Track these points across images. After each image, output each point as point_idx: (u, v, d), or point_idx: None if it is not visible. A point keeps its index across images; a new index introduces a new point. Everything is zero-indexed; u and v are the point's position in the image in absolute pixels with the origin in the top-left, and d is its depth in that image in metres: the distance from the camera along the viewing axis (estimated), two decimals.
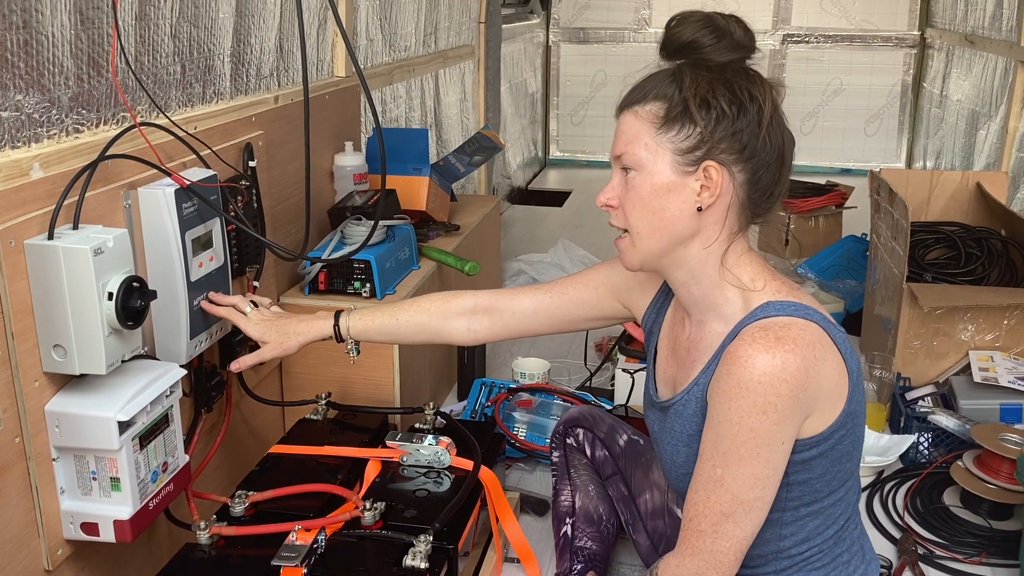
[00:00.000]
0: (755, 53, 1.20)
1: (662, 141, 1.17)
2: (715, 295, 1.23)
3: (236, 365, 1.58)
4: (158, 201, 1.42)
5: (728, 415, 1.13)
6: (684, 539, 1.20)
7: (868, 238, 2.85)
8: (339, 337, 1.57)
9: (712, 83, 1.15)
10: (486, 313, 1.55)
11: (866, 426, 2.16)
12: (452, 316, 1.56)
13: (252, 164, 1.77)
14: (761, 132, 1.16)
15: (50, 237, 1.22)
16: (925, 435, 2.13)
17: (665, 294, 1.40)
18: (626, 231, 1.23)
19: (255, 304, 1.59)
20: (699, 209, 1.18)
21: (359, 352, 1.60)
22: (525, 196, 5.07)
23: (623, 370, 2.35)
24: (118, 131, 1.39)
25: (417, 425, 1.81)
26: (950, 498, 1.99)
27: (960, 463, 1.96)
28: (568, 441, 1.72)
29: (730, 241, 1.21)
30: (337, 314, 1.58)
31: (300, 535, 1.38)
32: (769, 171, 1.18)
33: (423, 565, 1.36)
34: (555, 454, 1.74)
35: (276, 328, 1.56)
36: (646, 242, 1.22)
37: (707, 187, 1.17)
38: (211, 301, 1.54)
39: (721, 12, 1.19)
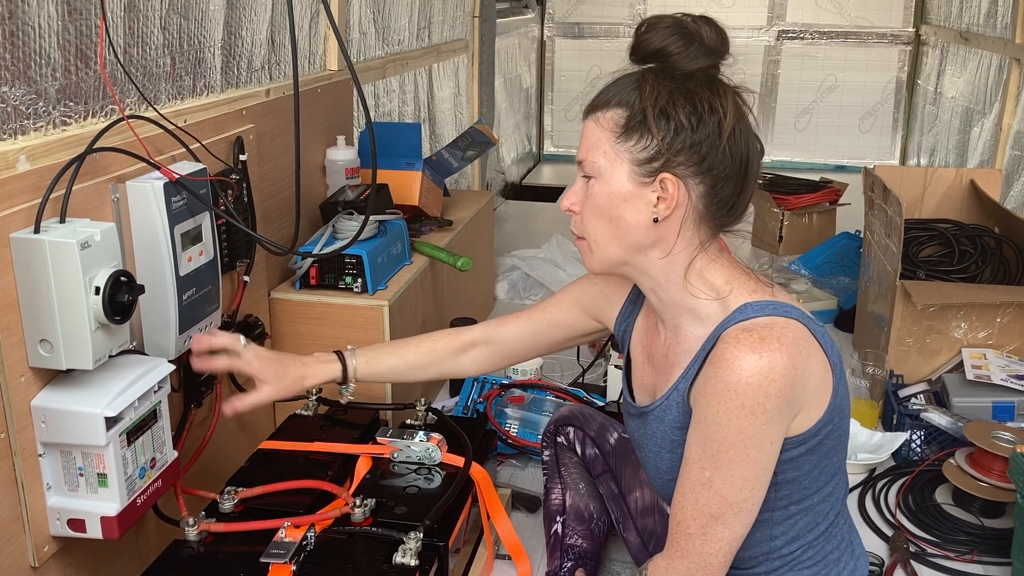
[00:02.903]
0: (726, 57, 1.18)
1: (620, 150, 1.16)
2: (685, 300, 1.22)
3: (230, 408, 1.48)
4: (147, 195, 1.41)
5: (716, 417, 1.12)
6: (672, 542, 1.20)
7: (862, 235, 2.85)
8: (345, 379, 1.56)
9: (672, 93, 1.14)
10: (484, 344, 1.58)
11: (859, 424, 2.17)
12: (458, 352, 1.58)
13: (243, 158, 1.76)
14: (721, 144, 1.14)
15: (36, 231, 1.21)
16: (917, 433, 2.13)
17: (633, 301, 1.40)
18: (582, 238, 1.24)
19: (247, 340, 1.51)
20: (655, 220, 1.17)
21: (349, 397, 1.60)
22: (519, 191, 5.06)
23: (616, 366, 2.34)
24: (106, 124, 1.38)
25: (408, 421, 1.80)
26: (942, 496, 1.98)
27: (952, 461, 1.96)
28: (559, 440, 1.72)
29: (694, 253, 1.20)
30: (339, 355, 1.55)
31: (289, 532, 1.37)
32: (730, 183, 1.17)
33: (413, 562, 1.35)
34: (546, 453, 1.73)
35: (276, 370, 1.49)
36: (603, 249, 1.22)
37: (663, 199, 1.16)
38: (200, 348, 1.46)
39: (693, 15, 1.17)
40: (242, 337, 1.50)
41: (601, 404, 2.28)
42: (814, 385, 1.15)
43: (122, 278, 1.26)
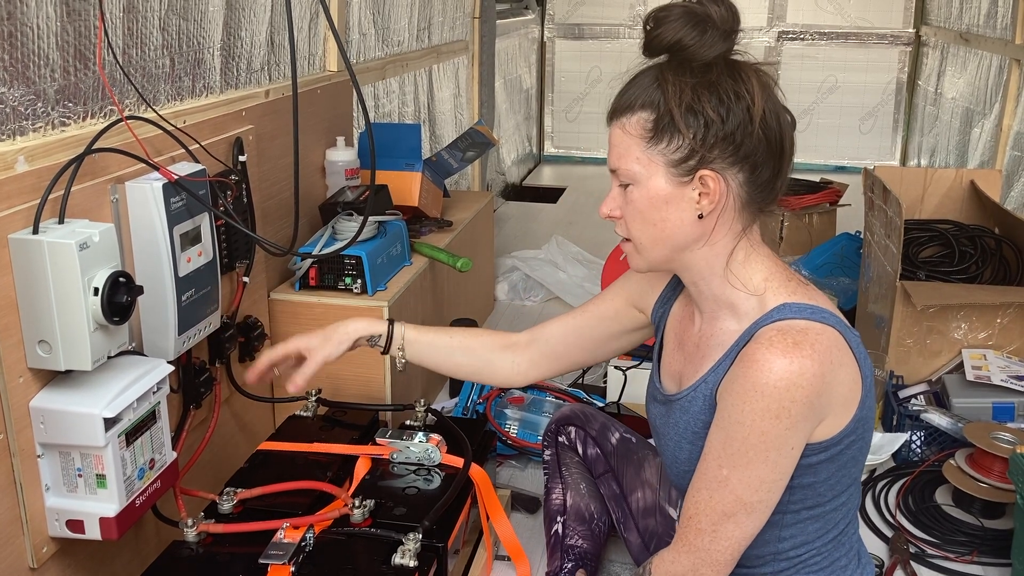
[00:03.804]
0: (740, 34, 1.15)
1: (653, 154, 1.15)
2: (727, 293, 1.21)
3: (293, 387, 1.49)
4: (146, 196, 1.40)
5: (740, 417, 1.11)
6: (681, 536, 1.20)
7: (862, 236, 2.85)
8: (387, 345, 1.53)
9: (696, 88, 1.12)
10: (526, 346, 1.54)
11: None
12: (500, 348, 1.55)
13: (242, 159, 1.76)
14: (754, 130, 1.13)
15: (35, 231, 1.21)
16: (918, 433, 2.13)
17: (673, 288, 1.39)
18: (628, 240, 1.23)
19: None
20: (700, 216, 1.16)
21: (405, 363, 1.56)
22: (519, 192, 5.06)
23: (615, 367, 2.34)
24: (105, 125, 1.38)
25: (408, 422, 1.80)
26: (942, 497, 1.98)
27: (952, 462, 1.96)
28: (560, 439, 1.72)
29: (737, 240, 1.19)
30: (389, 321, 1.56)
31: (288, 533, 1.37)
32: (768, 165, 1.16)
33: (412, 563, 1.35)
34: (547, 452, 1.73)
35: (318, 334, 1.52)
36: (650, 251, 1.21)
37: (705, 194, 1.15)
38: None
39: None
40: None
41: (601, 405, 2.28)
42: (842, 394, 1.14)
43: (121, 279, 1.26)
